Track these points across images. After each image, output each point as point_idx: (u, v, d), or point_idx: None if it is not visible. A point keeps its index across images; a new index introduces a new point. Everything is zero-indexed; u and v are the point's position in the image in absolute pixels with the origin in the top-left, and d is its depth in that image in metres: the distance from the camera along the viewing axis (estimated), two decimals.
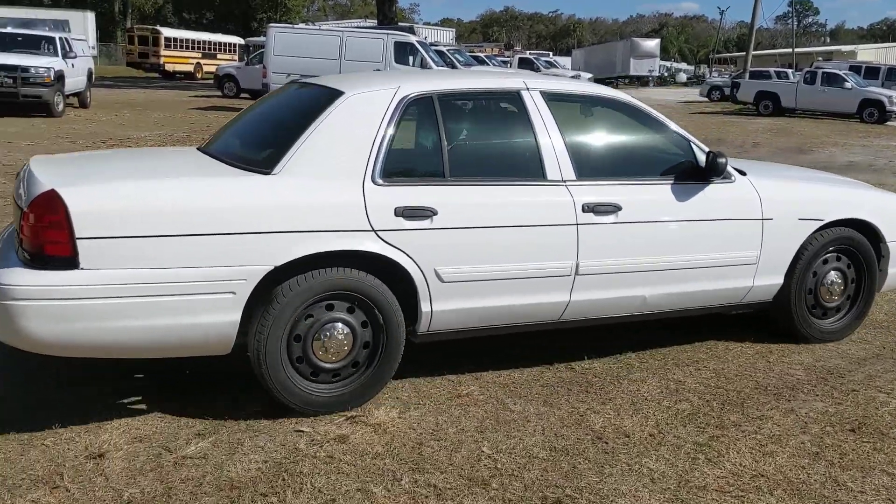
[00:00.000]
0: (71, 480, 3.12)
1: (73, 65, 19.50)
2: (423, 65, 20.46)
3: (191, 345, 3.46)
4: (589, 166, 4.10)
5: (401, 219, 3.62)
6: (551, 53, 56.74)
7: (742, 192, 4.41)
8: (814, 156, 15.96)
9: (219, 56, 43.34)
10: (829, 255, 4.80)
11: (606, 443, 3.56)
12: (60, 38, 19.86)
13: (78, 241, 3.19)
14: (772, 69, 38.47)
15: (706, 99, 37.07)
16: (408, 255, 3.65)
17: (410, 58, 20.71)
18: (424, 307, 3.76)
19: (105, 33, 49.84)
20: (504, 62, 34.95)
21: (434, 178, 3.78)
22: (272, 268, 3.43)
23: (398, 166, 3.75)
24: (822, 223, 4.63)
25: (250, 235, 3.39)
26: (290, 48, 21.14)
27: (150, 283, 3.26)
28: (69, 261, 3.19)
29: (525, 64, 36.07)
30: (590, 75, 35.39)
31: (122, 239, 3.23)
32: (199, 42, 43.71)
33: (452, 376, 4.21)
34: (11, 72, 17.26)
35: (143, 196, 3.34)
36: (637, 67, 51.18)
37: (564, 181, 3.98)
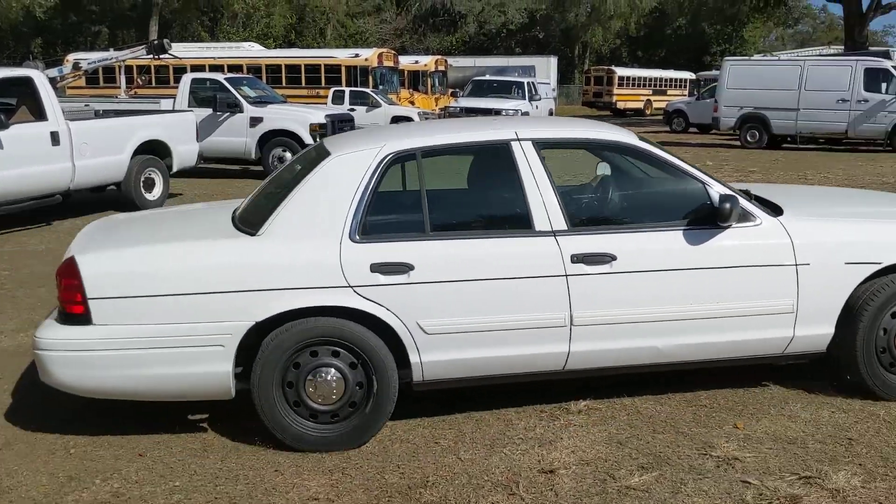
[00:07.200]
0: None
1: (536, 106, 21.46)
2: None
3: (194, 391, 3.79)
4: (581, 216, 4.08)
5: (377, 274, 3.67)
6: None
7: (766, 237, 4.01)
8: None
9: (668, 92, 43.63)
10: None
11: None
12: (528, 83, 21.99)
13: (90, 301, 3.61)
14: None
15: None
16: (387, 309, 3.71)
17: (883, 85, 18.71)
18: (413, 358, 3.81)
19: (564, 76, 53.47)
20: None
21: (412, 234, 3.81)
22: (253, 323, 3.64)
23: (378, 223, 3.82)
24: (879, 266, 4.06)
25: (233, 294, 3.62)
26: (745, 81, 20.54)
27: (149, 338, 3.64)
28: (84, 318, 3.64)
29: None
30: None
31: (127, 299, 3.62)
32: (650, 79, 44.57)
33: None
34: (487, 114, 19.59)
35: (144, 260, 3.73)
36: None
37: (554, 232, 3.87)
